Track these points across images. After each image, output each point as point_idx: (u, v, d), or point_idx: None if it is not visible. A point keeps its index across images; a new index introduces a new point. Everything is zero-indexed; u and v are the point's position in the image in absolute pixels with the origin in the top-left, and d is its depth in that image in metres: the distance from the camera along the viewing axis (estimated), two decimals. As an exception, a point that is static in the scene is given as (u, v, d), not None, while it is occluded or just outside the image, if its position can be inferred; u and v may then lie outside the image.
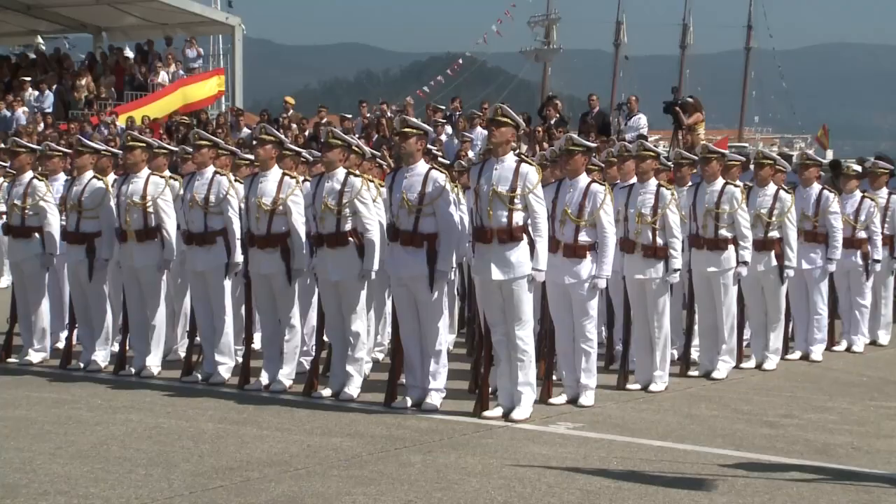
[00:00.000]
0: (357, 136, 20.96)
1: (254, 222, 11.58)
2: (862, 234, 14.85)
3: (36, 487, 8.11)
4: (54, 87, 33.92)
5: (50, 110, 32.38)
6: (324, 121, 26.25)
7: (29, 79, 33.93)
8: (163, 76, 33.55)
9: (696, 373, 12.96)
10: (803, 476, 8.61)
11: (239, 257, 11.95)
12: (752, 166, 14.75)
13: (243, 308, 12.23)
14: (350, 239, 11.15)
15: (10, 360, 13.62)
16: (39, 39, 40.55)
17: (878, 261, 15.08)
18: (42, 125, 29.96)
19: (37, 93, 33.34)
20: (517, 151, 11.01)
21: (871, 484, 8.42)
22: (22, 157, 13.99)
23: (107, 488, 8.10)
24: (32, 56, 38.25)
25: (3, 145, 22.63)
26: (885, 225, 15.26)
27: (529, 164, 10.66)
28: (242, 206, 11.80)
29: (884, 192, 15.53)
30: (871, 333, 15.53)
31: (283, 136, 13.26)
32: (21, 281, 13.78)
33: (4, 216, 13.85)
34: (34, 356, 13.52)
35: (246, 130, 26.67)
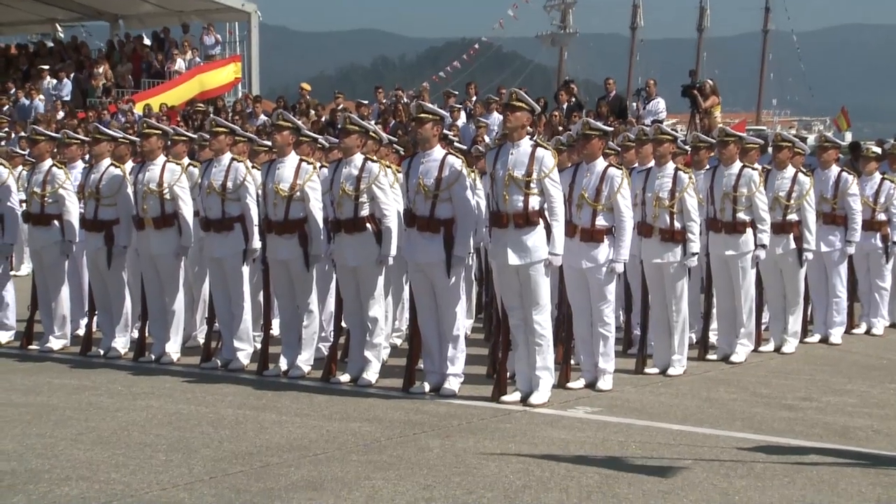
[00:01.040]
0: (374, 121, 20.96)
1: (271, 208, 11.59)
2: (881, 217, 14.81)
3: (58, 473, 8.15)
4: (72, 75, 33.95)
5: (68, 98, 32.41)
6: (340, 107, 26.29)
7: (47, 67, 33.98)
8: (179, 63, 33.58)
9: (714, 356, 12.96)
10: (823, 459, 8.61)
11: (257, 243, 11.98)
12: (770, 149, 14.68)
13: (261, 294, 12.25)
14: (368, 225, 11.15)
15: (31, 346, 13.68)
16: (57, 28, 40.60)
17: (896, 243, 15.07)
18: (60, 113, 29.95)
19: (55, 81, 33.38)
20: (533, 136, 11.00)
21: (891, 467, 8.41)
22: (41, 145, 14.05)
23: (128, 474, 8.13)
24: (50, 44, 38.31)
25: (22, 134, 22.73)
26: (903, 206, 15.20)
27: (545, 148, 10.64)
28: (260, 192, 11.84)
29: (902, 176, 15.48)
30: (892, 316, 15.50)
31: (299, 123, 13.27)
32: (41, 268, 13.84)
33: (24, 204, 13.87)
34: (55, 343, 13.58)
35: (263, 117, 26.67)
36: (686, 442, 9.13)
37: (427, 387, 10.97)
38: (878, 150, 15.51)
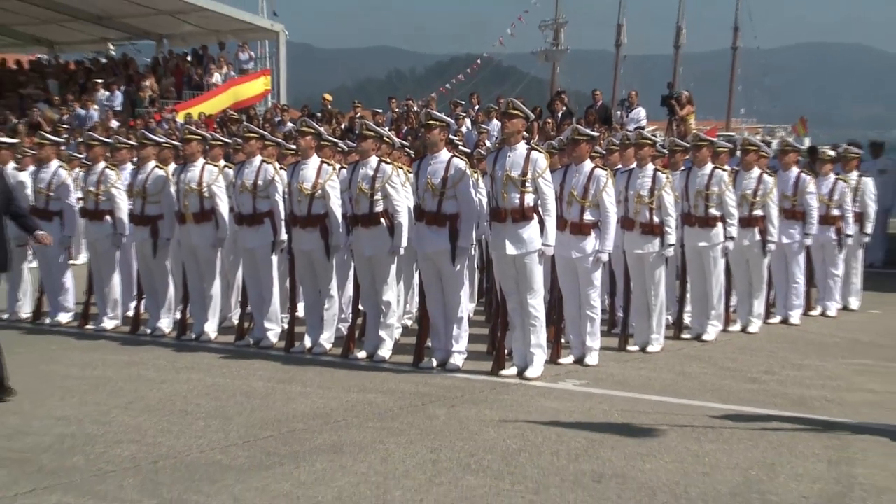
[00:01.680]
0: (387, 128, 20.92)
1: (296, 205, 11.61)
2: (835, 212, 14.79)
3: (111, 437, 8.21)
4: (122, 87, 33.94)
5: (119, 108, 32.42)
6: (358, 115, 26.21)
7: (101, 81, 33.92)
8: (216, 77, 33.56)
9: (688, 336, 12.94)
10: (782, 426, 8.62)
11: (283, 236, 12.00)
12: (738, 152, 14.67)
13: (288, 281, 12.26)
14: (382, 219, 11.17)
15: (87, 326, 13.76)
16: (109, 46, 40.56)
17: (849, 235, 15.05)
18: (112, 122, 29.99)
19: (108, 93, 33.36)
20: (528, 140, 11.00)
21: (842, 432, 8.41)
22: (96, 149, 14.18)
23: (172, 438, 8.17)
24: (104, 61, 38.23)
25: (79, 139, 22.74)
26: (856, 204, 15.23)
27: (539, 151, 10.65)
28: (286, 190, 11.85)
29: (854, 174, 15.51)
30: (843, 300, 15.48)
31: (321, 129, 13.26)
32: (96, 258, 13.95)
33: (81, 201, 13.91)
34: (108, 323, 13.65)
35: (289, 124, 26.62)
36: (663, 411, 9.13)
37: (434, 362, 10.97)
38: (833, 153, 15.51)
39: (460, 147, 14.16)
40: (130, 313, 13.75)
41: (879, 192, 16.52)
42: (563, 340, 11.43)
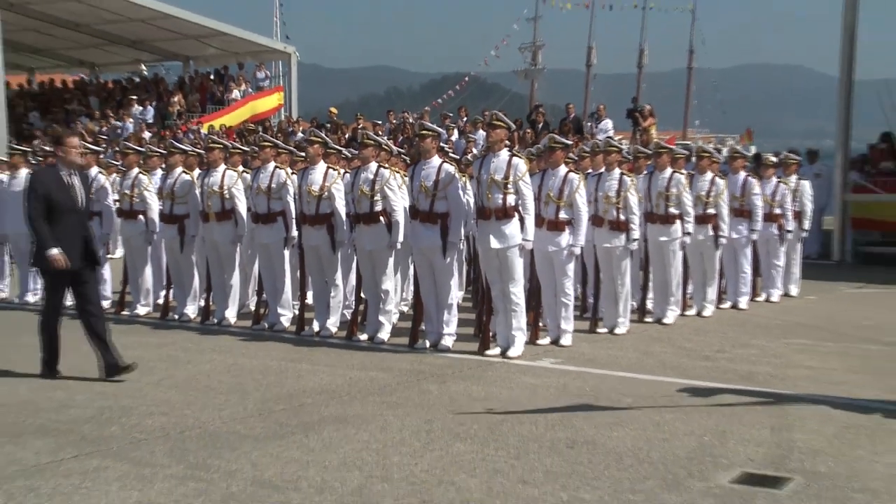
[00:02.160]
0: (386, 137, 20.87)
1: (305, 205, 11.57)
2: (777, 211, 14.84)
3: (144, 409, 8.17)
4: (153, 103, 34.02)
5: (151, 121, 32.48)
6: (360, 126, 26.17)
7: (135, 97, 34.07)
8: (235, 93, 33.57)
9: (650, 319, 12.96)
10: (732, 398, 8.61)
11: (294, 232, 11.98)
12: (693, 159, 14.66)
13: (298, 272, 12.22)
14: (381, 218, 11.13)
15: (123, 313, 13.82)
16: (142, 67, 40.58)
17: (789, 231, 15.13)
18: (145, 133, 29.98)
19: (141, 108, 33.44)
20: (510, 148, 10.98)
21: (783, 403, 8.41)
22: (130, 157, 14.27)
23: (197, 410, 8.14)
24: (137, 80, 38.33)
25: (116, 148, 22.71)
26: (795, 203, 15.29)
27: (519, 157, 10.65)
28: (296, 192, 11.82)
29: (794, 178, 15.57)
30: (785, 287, 15.52)
31: (328, 139, 13.22)
32: (130, 253, 14.02)
33: (117, 202, 13.92)
34: (141, 310, 13.69)
35: (300, 134, 26.61)
36: (628, 385, 9.12)
37: (427, 343, 10.96)
38: (775, 159, 15.60)
39: (450, 154, 14.12)
40: (161, 301, 13.71)
41: (815, 193, 16.72)
42: (540, 324, 11.41)
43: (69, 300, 9.33)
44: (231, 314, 12.84)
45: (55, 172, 9.21)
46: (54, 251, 9.00)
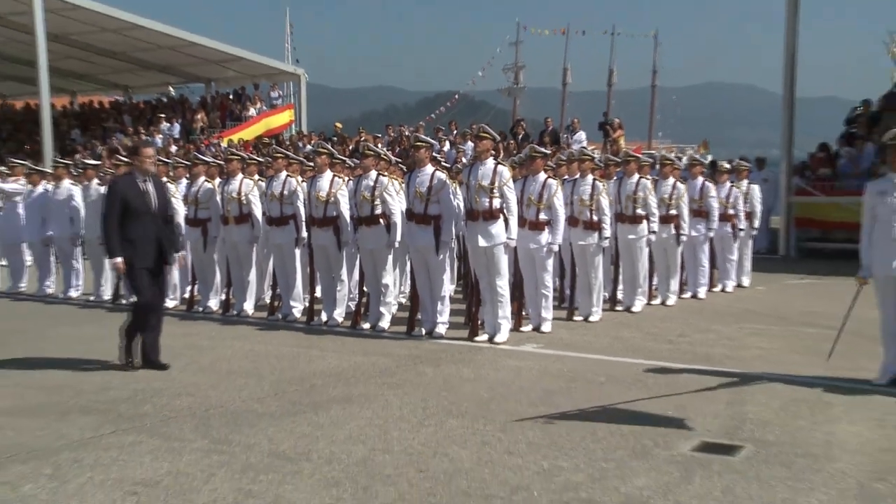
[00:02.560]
0: (385, 149, 20.85)
1: (314, 209, 11.56)
2: (731, 212, 14.88)
3: (173, 391, 8.16)
4: (179, 120, 34.00)
5: (177, 136, 32.43)
6: (362, 139, 26.15)
7: (163, 115, 34.11)
8: (252, 111, 33.55)
9: (620, 308, 12.96)
10: (692, 376, 8.60)
11: (304, 234, 11.96)
12: (657, 166, 14.68)
13: (308, 268, 12.21)
14: (380, 220, 11.11)
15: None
16: (170, 89, 40.51)
17: (741, 229, 15.19)
18: (172, 147, 29.96)
19: (168, 125, 33.41)
20: (495, 157, 10.97)
21: (736, 379, 8.42)
22: (159, 168, 14.09)
23: (219, 391, 8.14)
24: (165, 100, 38.32)
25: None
26: (746, 205, 15.34)
27: (503, 165, 10.68)
28: (306, 198, 11.81)
29: (745, 182, 15.60)
30: (738, 279, 15.55)
31: (333, 150, 13.19)
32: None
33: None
34: (169, 303, 13.45)
35: (308, 146, 26.56)
36: (601, 367, 9.11)
37: (423, 331, 10.93)
38: (728, 166, 15.64)
39: (442, 163, 14.12)
40: (186, 295, 13.70)
41: (763, 196, 16.77)
42: (523, 313, 11.38)
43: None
44: (249, 306, 12.81)
45: (131, 179, 9.04)
46: (118, 260, 8.88)
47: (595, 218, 11.87)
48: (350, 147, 26.28)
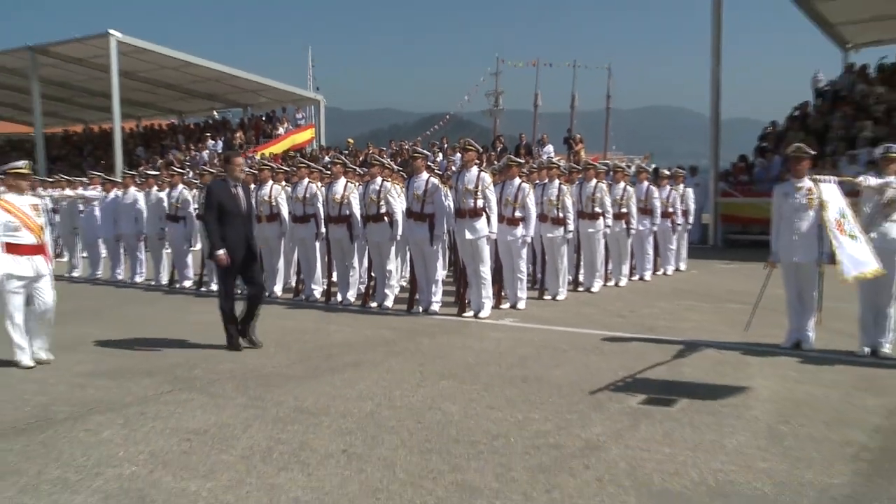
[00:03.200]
0: (388, 159, 20.80)
1: (331, 209, 11.51)
2: (670, 210, 14.94)
3: (218, 358, 8.13)
4: (222, 138, 34.02)
5: (220, 151, 32.43)
6: (370, 152, 26.09)
7: (209, 134, 34.31)
8: (280, 129, 33.54)
9: (581, 289, 12.95)
10: (639, 344, 8.60)
11: (322, 229, 11.92)
12: (611, 173, 14.66)
13: (326, 258, 12.18)
14: (385, 218, 11.08)
15: (201, 289, 13.75)
16: (214, 113, 40.44)
17: (679, 224, 15.29)
18: (216, 160, 29.94)
19: (213, 142, 33.47)
20: (479, 166, 10.94)
21: (674, 345, 8.42)
22: (205, 177, 14.15)
23: (254, 358, 8.11)
24: (210, 122, 38.45)
25: (197, 171, 22.57)
26: (682, 204, 15.38)
27: (486, 172, 10.70)
28: (324, 200, 11.76)
29: (681, 186, 15.57)
30: (676, 264, 15.59)
31: (346, 161, 13.15)
32: (205, 245, 13.83)
33: (198, 209, 13.78)
34: (213, 287, 13.51)
35: (326, 158, 26.50)
36: (566, 337, 9.09)
37: (420, 309, 10.91)
38: (668, 173, 15.74)
39: (435, 171, 14.08)
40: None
41: (696, 197, 16.83)
42: (502, 293, 11.37)
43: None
44: (278, 289, 12.79)
45: (225, 184, 8.65)
46: (220, 252, 8.45)
47: (561, 215, 11.83)
48: (360, 158, 26.20)
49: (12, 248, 7.63)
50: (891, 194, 7.71)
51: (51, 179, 19.58)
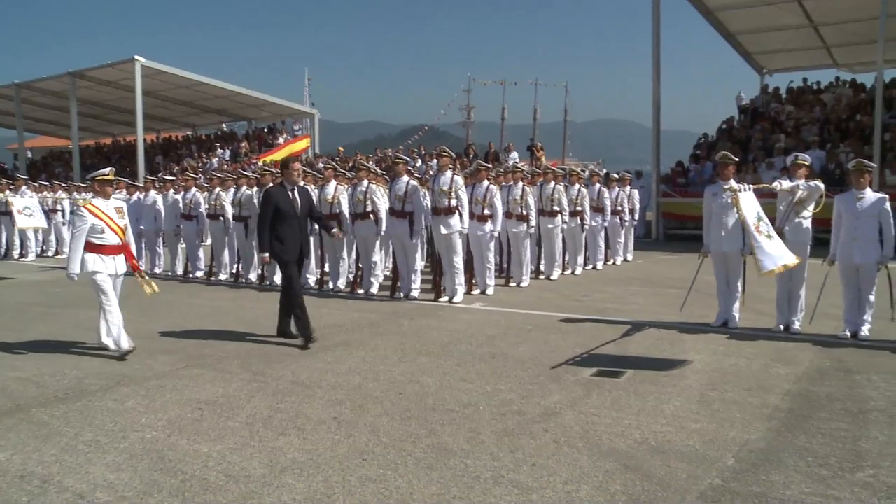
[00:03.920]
0: (373, 165, 20.72)
1: (323, 207, 11.37)
2: (619, 208, 15.01)
3: (223, 338, 8.04)
4: (229, 147, 33.84)
5: (227, 159, 32.23)
6: (358, 158, 25.93)
7: (218, 144, 34.19)
8: (280, 139, 33.34)
9: (542, 277, 12.96)
10: (592, 325, 8.64)
11: (316, 226, 11.83)
12: (568, 176, 14.68)
13: (320, 250, 12.12)
14: (370, 215, 11.03)
15: (210, 278, 13.61)
16: (223, 125, 40.16)
17: (626, 221, 15.36)
18: (224, 166, 29.72)
19: (222, 151, 33.27)
20: (453, 170, 10.92)
21: (622, 325, 8.45)
22: (214, 181, 14.03)
23: (257, 338, 8.04)
24: (220, 133, 38.31)
25: (208, 176, 22.40)
26: (629, 204, 15.48)
27: (458, 175, 10.69)
28: (317, 200, 11.69)
29: (628, 188, 15.66)
30: (624, 255, 15.67)
31: (337, 166, 13.07)
32: (214, 241, 13.79)
33: (208, 209, 13.66)
34: (222, 276, 13.49)
35: (320, 164, 26.37)
36: (529, 318, 9.12)
37: (402, 295, 10.88)
38: (617, 176, 15.71)
39: (414, 174, 14.04)
40: (234, 270, 13.50)
41: (641, 197, 17.07)
42: (473, 281, 11.35)
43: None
44: (277, 278, 12.64)
45: (282, 189, 7.92)
46: (265, 255, 7.87)
47: (524, 213, 11.84)
48: (349, 164, 26.12)
49: (98, 249, 7.34)
50: (800, 194, 7.92)
51: (84, 185, 19.97)
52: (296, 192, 8.01)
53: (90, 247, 7.33)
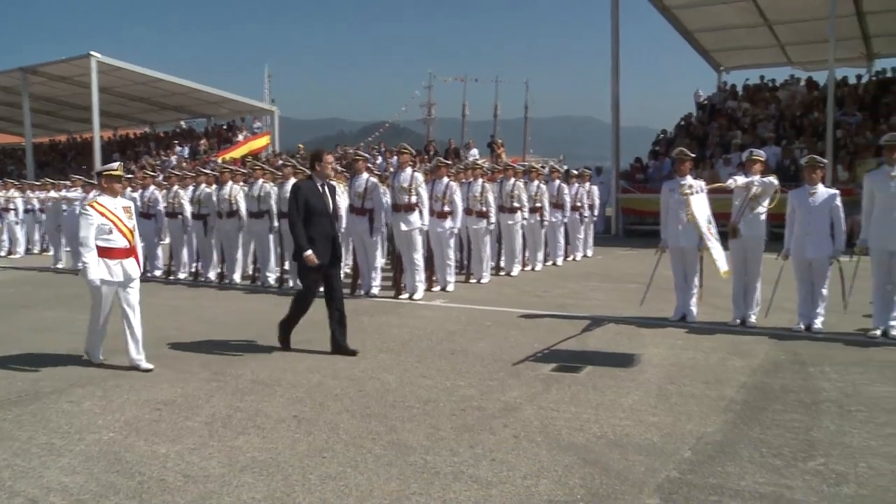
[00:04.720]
0: (334, 162, 20.63)
1: (283, 205, 11.27)
2: (579, 204, 15.06)
3: (185, 337, 7.91)
4: (188, 145, 33.48)
5: (186, 156, 31.85)
6: (352, 152, 25.94)
7: (177, 142, 33.85)
8: (239, 137, 32.99)
9: (503, 273, 12.98)
10: (552, 320, 8.69)
11: (276, 223, 11.73)
12: (528, 173, 14.73)
13: (279, 248, 11.99)
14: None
15: (169, 277, 13.34)
16: (181, 122, 39.65)
17: (586, 217, 15.45)
18: (183, 164, 29.33)
19: (180, 148, 32.91)
20: (413, 166, 10.90)
21: (581, 320, 8.51)
22: (172, 178, 13.92)
23: (217, 337, 7.95)
24: (178, 130, 37.88)
25: (166, 174, 22.06)
26: (589, 200, 15.56)
27: (418, 172, 10.69)
28: (276, 197, 11.60)
29: (588, 184, 15.73)
30: (583, 251, 15.76)
31: (296, 163, 12.98)
32: (172, 239, 13.59)
33: (166, 207, 13.42)
34: (181, 275, 13.23)
35: (280, 162, 26.17)
36: (489, 315, 9.14)
37: (362, 292, 10.82)
38: (577, 172, 15.87)
39: (374, 171, 14.00)
40: (193, 269, 13.31)
41: (601, 193, 17.24)
42: (434, 277, 11.34)
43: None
44: (237, 276, 12.53)
45: (312, 184, 7.28)
46: (309, 252, 7.10)
47: (484, 209, 11.87)
48: (345, 161, 26.03)
49: (105, 252, 6.67)
50: (755, 190, 8.03)
51: (38, 183, 19.46)
52: (326, 188, 7.33)
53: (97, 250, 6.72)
